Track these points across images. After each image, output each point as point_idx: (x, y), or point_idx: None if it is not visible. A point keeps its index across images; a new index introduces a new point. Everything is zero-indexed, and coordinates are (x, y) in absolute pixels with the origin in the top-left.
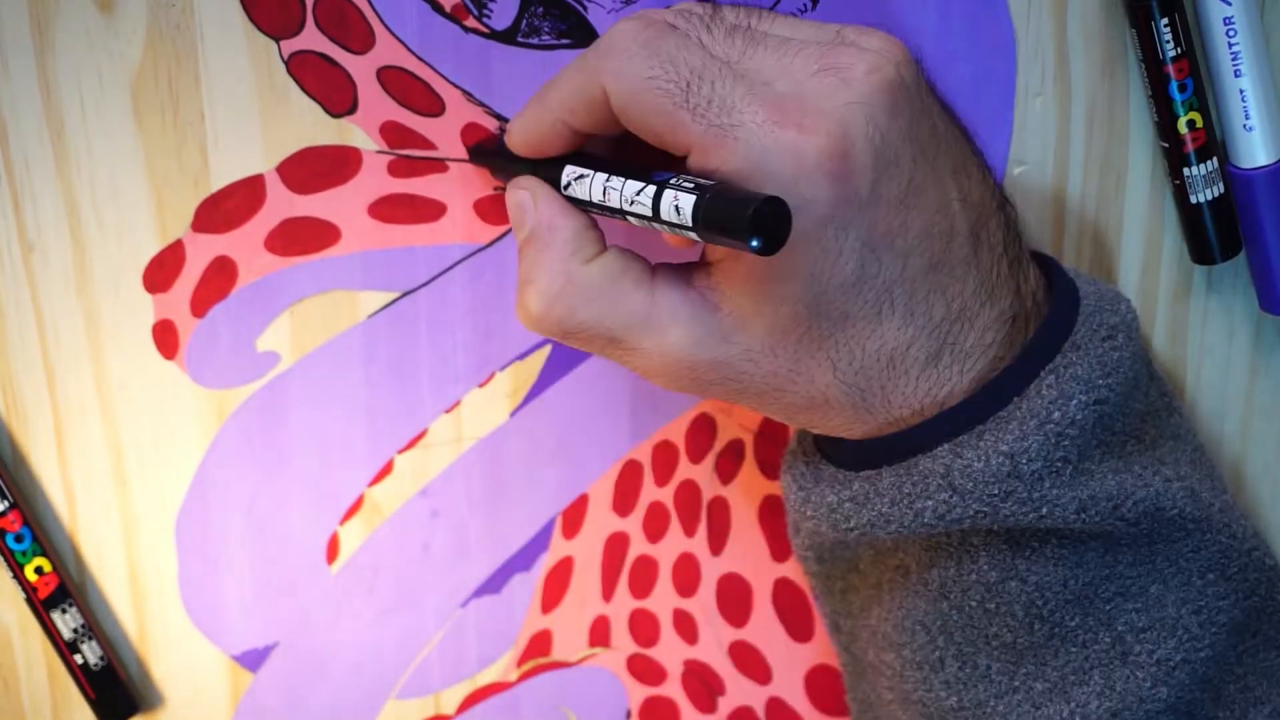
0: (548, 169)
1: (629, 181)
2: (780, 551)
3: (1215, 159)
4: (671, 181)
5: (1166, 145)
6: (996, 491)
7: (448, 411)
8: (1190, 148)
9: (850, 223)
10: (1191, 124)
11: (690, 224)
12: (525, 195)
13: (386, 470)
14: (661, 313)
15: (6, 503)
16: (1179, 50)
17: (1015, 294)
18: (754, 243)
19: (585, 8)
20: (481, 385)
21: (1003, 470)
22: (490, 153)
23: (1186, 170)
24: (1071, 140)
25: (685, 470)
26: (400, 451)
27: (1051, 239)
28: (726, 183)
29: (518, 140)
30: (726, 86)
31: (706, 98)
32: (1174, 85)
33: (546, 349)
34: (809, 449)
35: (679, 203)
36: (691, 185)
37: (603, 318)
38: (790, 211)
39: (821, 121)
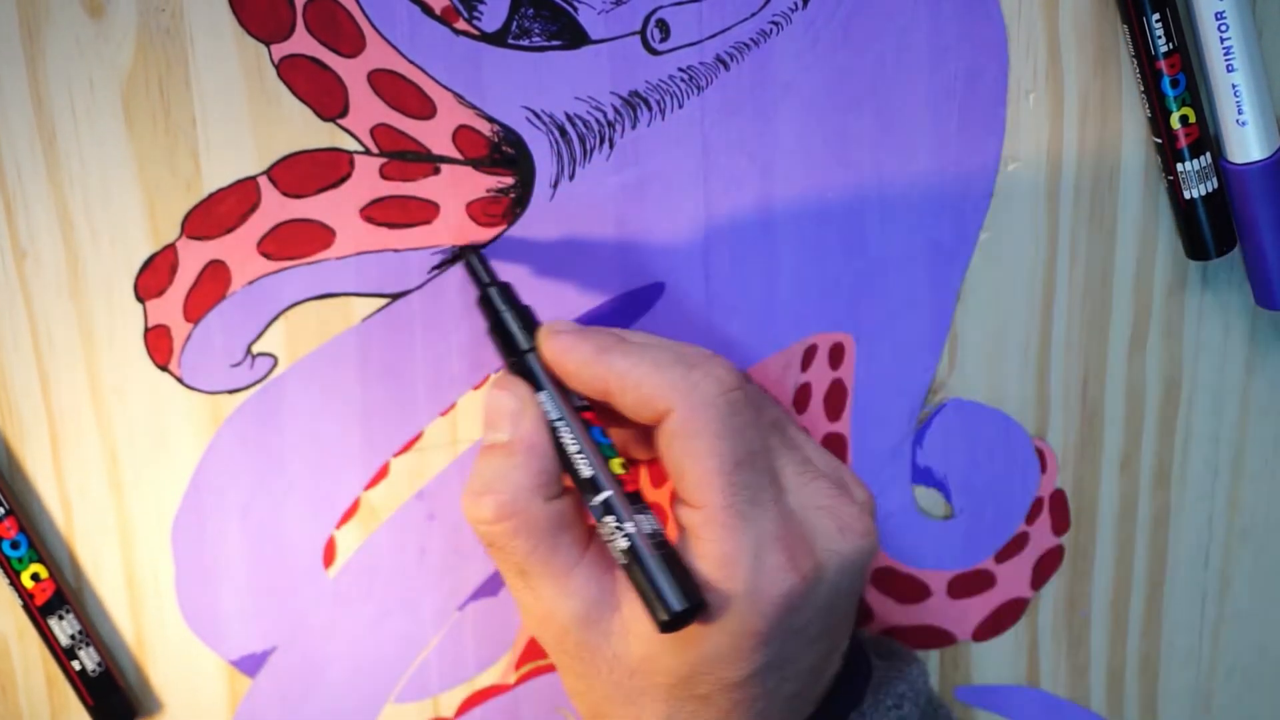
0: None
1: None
2: None
3: (1209, 154)
4: (646, 515)
5: (1160, 141)
6: None
7: (443, 414)
8: (1184, 143)
9: (771, 642)
10: (1185, 119)
11: (626, 556)
12: (513, 403)
13: (382, 474)
14: (575, 579)
15: (2, 509)
16: (1171, 46)
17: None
18: (661, 619)
19: (575, 9)
20: (476, 388)
21: None
22: (499, 310)
23: (1180, 166)
24: (1064, 137)
25: None
26: (396, 455)
27: (1045, 237)
28: (674, 554)
29: (554, 354)
30: (762, 481)
31: (746, 481)
32: (1166, 81)
33: None
34: None
35: (636, 530)
36: (650, 531)
37: (532, 553)
38: (692, 619)
39: (806, 560)
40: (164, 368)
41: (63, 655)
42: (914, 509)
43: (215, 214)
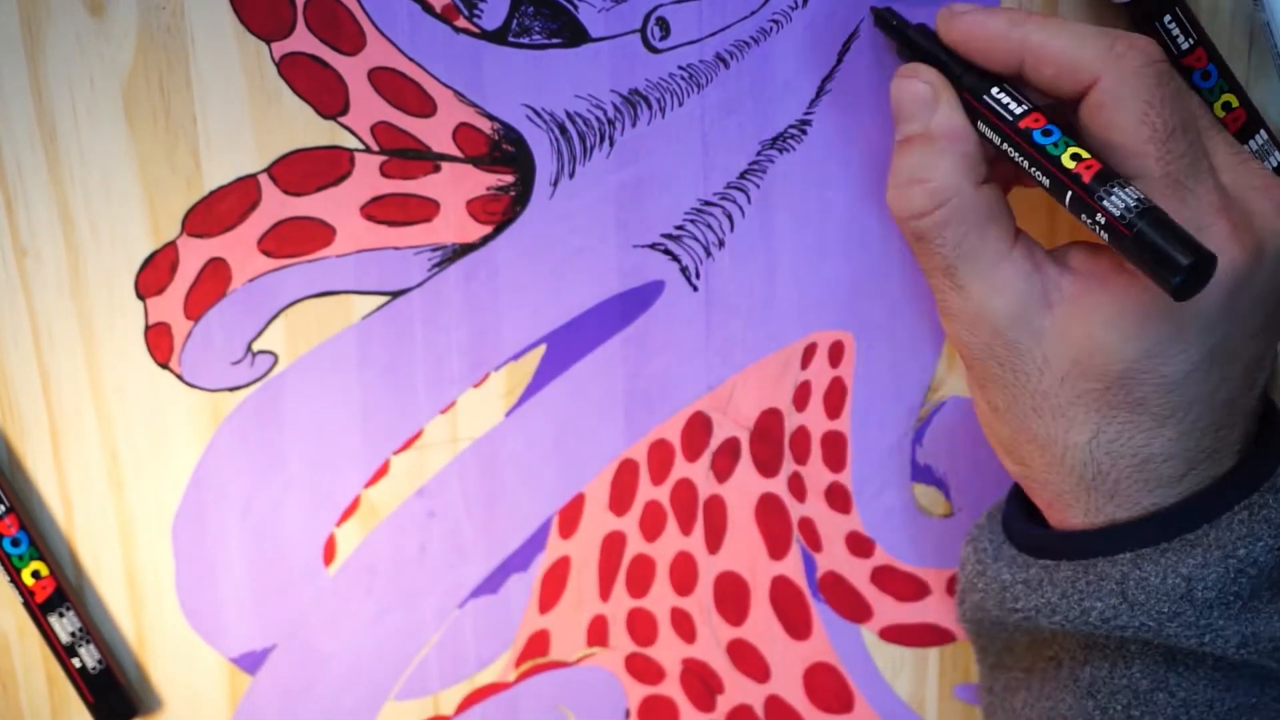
0: (963, 77)
1: (1077, 150)
2: (777, 549)
3: (1264, 131)
4: (1114, 187)
5: None
6: (1166, 610)
7: (443, 412)
8: (1234, 129)
9: (1213, 329)
10: (1228, 105)
11: (1122, 224)
12: (927, 90)
13: (382, 471)
14: (1005, 272)
15: (3, 507)
16: (1191, 42)
17: (1246, 434)
18: (1175, 280)
19: (576, 7)
20: (476, 386)
21: (1177, 591)
22: (897, 24)
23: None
24: None
25: (681, 469)
26: (396, 452)
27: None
28: (1167, 216)
29: (962, 33)
30: (1196, 152)
31: (1179, 152)
32: (1197, 76)
33: (541, 349)
34: (995, 528)
35: (1123, 200)
36: (1139, 197)
37: (962, 242)
38: (1209, 278)
39: (1249, 236)
40: (164, 365)
41: (63, 653)
42: (913, 507)
43: (216, 212)
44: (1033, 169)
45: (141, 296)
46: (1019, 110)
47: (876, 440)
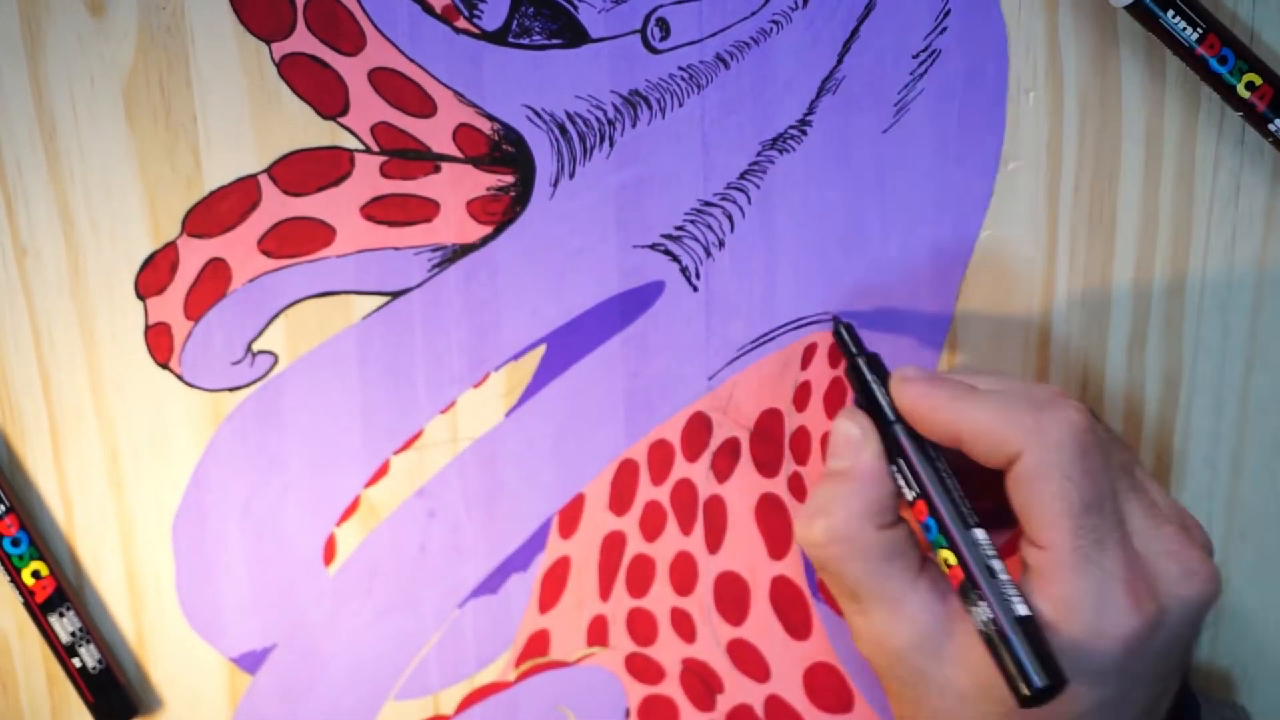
0: (890, 428)
1: (976, 538)
2: (777, 549)
3: None
4: (1004, 581)
5: (1241, 113)
6: None
7: (443, 412)
8: (1263, 106)
9: (1107, 683)
10: (1251, 85)
11: (989, 630)
12: (856, 433)
13: (382, 471)
14: (909, 606)
15: (3, 507)
16: (1200, 31)
17: None
18: (1023, 693)
19: (576, 8)
20: (476, 386)
21: None
22: (854, 348)
23: (1272, 125)
24: (1064, 135)
25: (681, 469)
26: (396, 452)
27: (1045, 235)
28: (1038, 628)
29: (908, 403)
30: (1109, 524)
31: (1093, 525)
32: (1213, 62)
33: (541, 349)
34: None
35: (1003, 606)
36: (1017, 604)
37: (864, 579)
38: (1058, 694)
39: (1150, 604)
40: (164, 365)
41: (63, 652)
42: None
43: (216, 212)
44: (950, 521)
45: (141, 296)
46: (941, 467)
47: None
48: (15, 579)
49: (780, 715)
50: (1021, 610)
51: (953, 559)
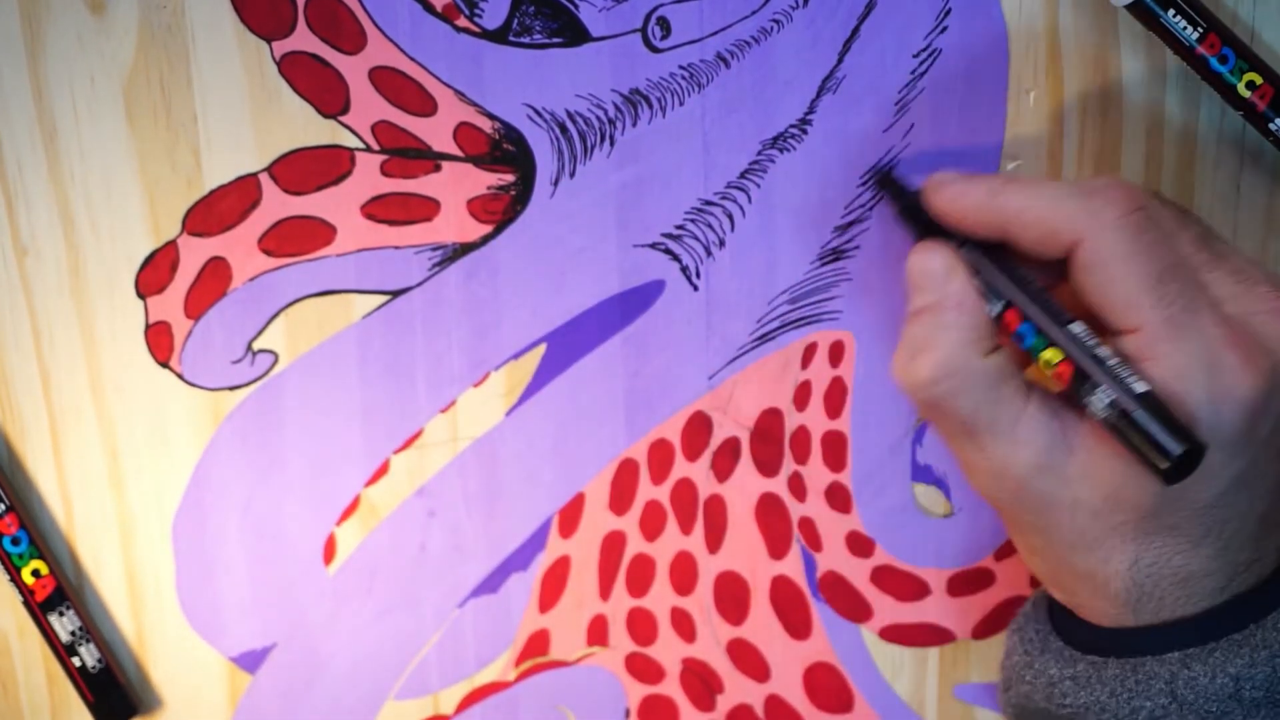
0: (961, 245)
1: (1074, 332)
2: (777, 549)
3: None
4: (1114, 364)
5: (1242, 113)
6: (1214, 709)
7: (443, 411)
8: (1263, 105)
9: (1237, 454)
10: (1251, 84)
11: (1112, 415)
12: (939, 266)
13: (382, 471)
14: (1023, 429)
15: (3, 506)
16: (1201, 29)
17: None
18: (1163, 467)
19: (576, 6)
20: (476, 385)
21: (1225, 691)
22: (899, 190)
23: (1273, 125)
24: (1065, 135)
25: (682, 468)
26: (396, 452)
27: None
28: (1161, 399)
29: (946, 204)
30: (1192, 289)
31: (1175, 292)
32: (1214, 61)
33: (541, 348)
34: (1041, 617)
35: (1120, 387)
36: (1133, 382)
37: (976, 410)
38: (1200, 463)
39: (1263, 360)
40: (165, 364)
41: (63, 652)
42: (914, 506)
43: (216, 211)
44: (1047, 321)
45: (142, 295)
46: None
47: (877, 440)
48: (15, 578)
49: (780, 715)
50: (1140, 387)
51: (1057, 356)
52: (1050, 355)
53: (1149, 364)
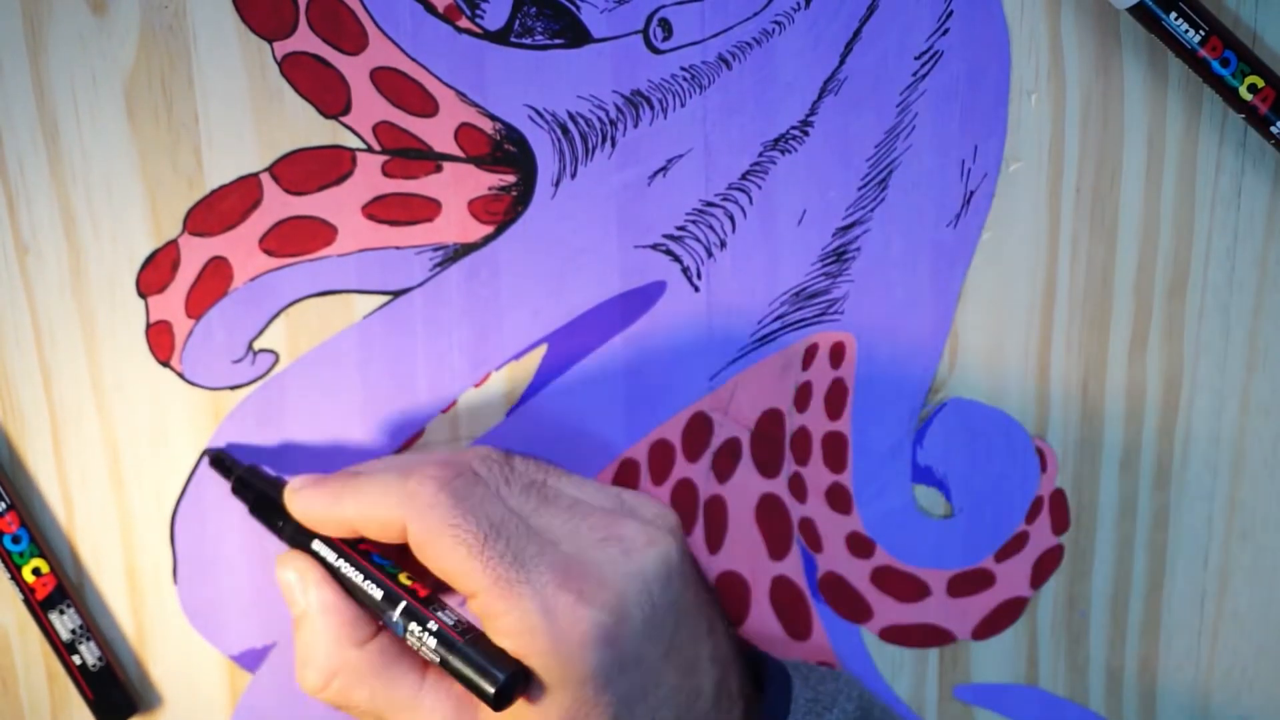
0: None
1: (399, 602)
2: (777, 549)
3: None
4: (437, 614)
5: (1243, 116)
6: None
7: (444, 412)
8: (1264, 108)
9: (611, 681)
10: (1253, 87)
11: (437, 653)
12: (295, 578)
13: None
14: (425, 701)
15: (4, 504)
16: (1203, 32)
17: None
18: (490, 696)
19: (578, 7)
20: (477, 385)
21: None
22: (255, 489)
23: (1274, 128)
24: (1066, 137)
25: (682, 469)
26: (397, 452)
27: (1046, 236)
28: (483, 635)
29: (300, 512)
30: (520, 543)
31: (500, 551)
32: (1216, 64)
33: (542, 349)
34: None
35: (441, 625)
36: (453, 622)
37: (374, 697)
38: (519, 681)
39: (601, 591)
40: (165, 364)
41: (63, 650)
42: (914, 508)
43: (217, 210)
44: (376, 590)
45: (143, 295)
46: (353, 540)
47: (877, 441)
48: (16, 576)
49: None
50: (457, 621)
51: (388, 605)
52: (414, 629)
53: (494, 621)
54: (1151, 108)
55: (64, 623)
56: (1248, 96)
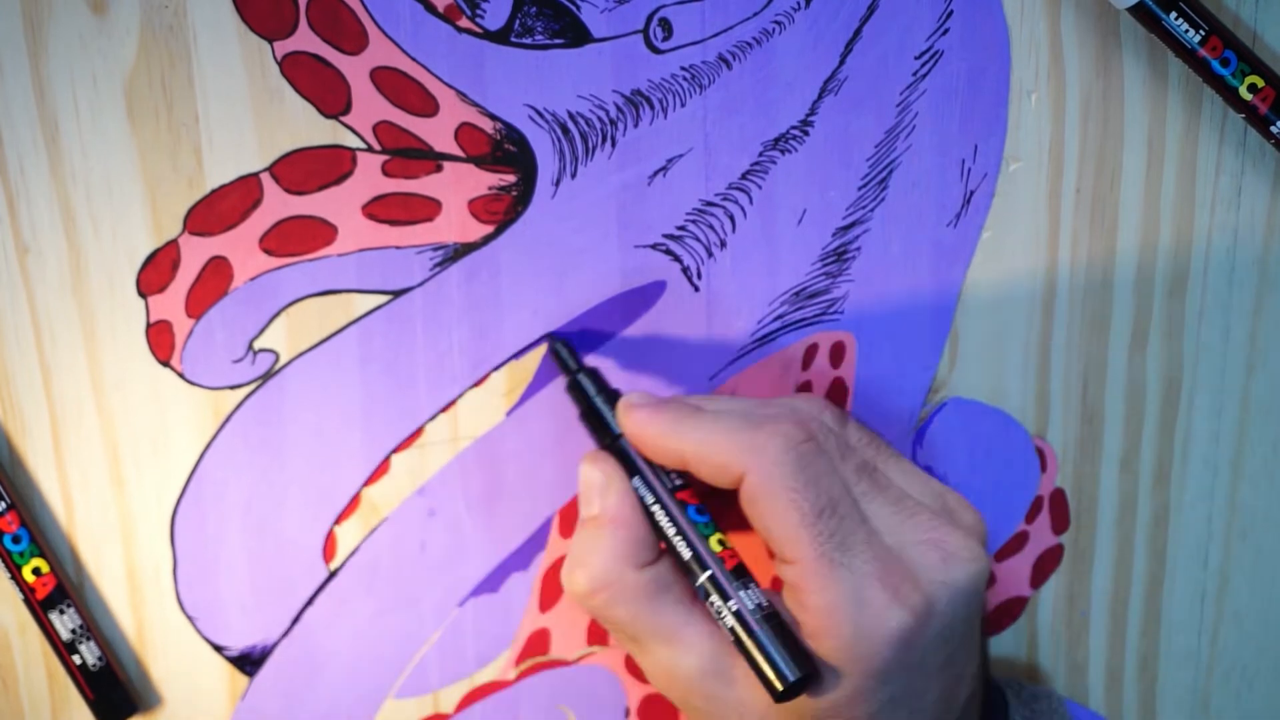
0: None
1: (721, 538)
2: None
3: None
4: (749, 584)
5: (1243, 116)
6: None
7: (444, 411)
8: (1264, 108)
9: (891, 679)
10: (1253, 87)
11: (742, 629)
12: (599, 478)
13: (383, 470)
14: (687, 636)
15: (4, 504)
16: (1203, 33)
17: None
18: (775, 690)
19: (578, 7)
20: (477, 384)
21: None
22: (590, 395)
23: (1274, 128)
24: (1066, 137)
25: None
26: (396, 451)
27: (1047, 236)
28: (782, 624)
29: (634, 429)
30: (850, 525)
31: (831, 529)
32: (1216, 64)
33: (542, 348)
34: None
35: (741, 606)
36: (753, 606)
37: (635, 620)
38: (805, 688)
39: (913, 593)
40: (166, 363)
41: (63, 649)
42: None
43: (217, 210)
44: (680, 542)
45: (143, 294)
46: (678, 482)
47: None
48: (16, 576)
49: None
50: (759, 604)
51: (697, 567)
52: (723, 538)
53: (803, 595)
54: (1151, 108)
55: (64, 623)
56: (1248, 96)
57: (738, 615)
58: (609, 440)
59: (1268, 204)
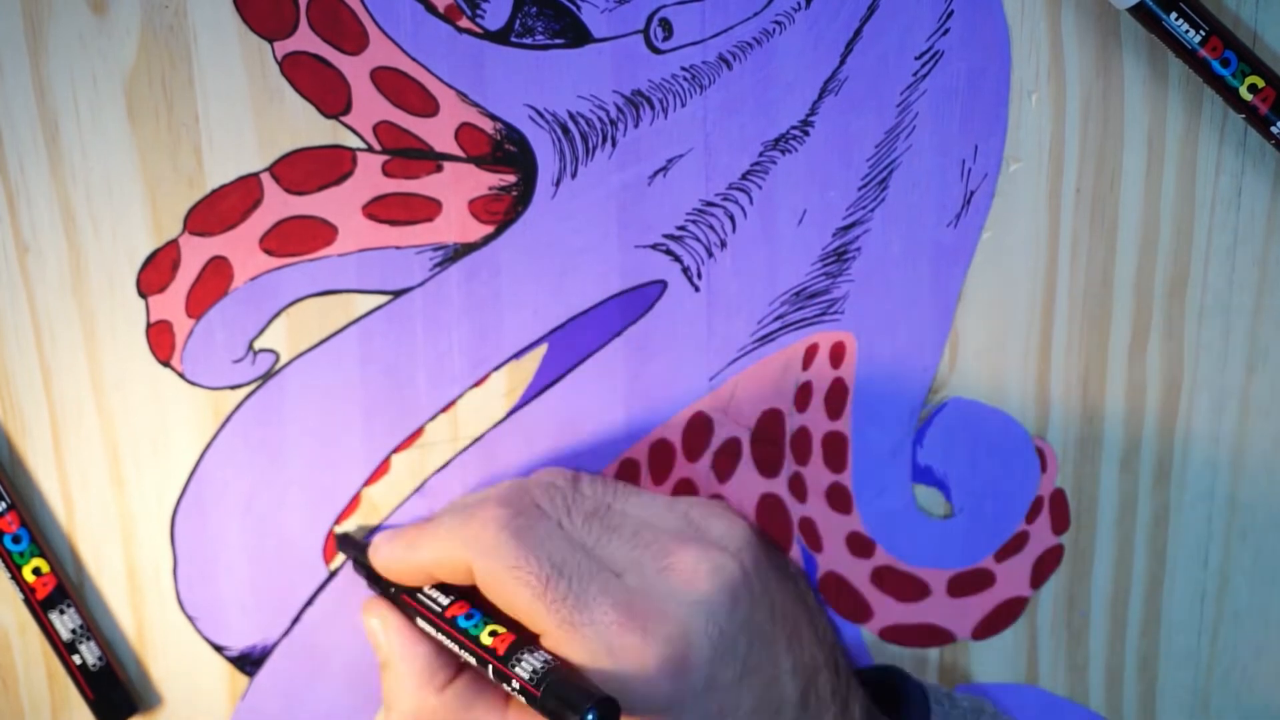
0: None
1: (494, 628)
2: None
3: None
4: (523, 654)
5: (1244, 116)
6: None
7: (444, 411)
8: (1265, 109)
9: (685, 710)
10: (1254, 87)
11: (528, 700)
12: (376, 624)
13: (383, 470)
14: None
15: (4, 504)
16: (1203, 33)
17: None
18: None
19: (579, 7)
20: (478, 385)
21: None
22: (358, 547)
23: (1275, 128)
24: (1066, 137)
25: (682, 469)
26: (397, 451)
27: (1047, 237)
28: (572, 669)
29: (381, 565)
30: (582, 582)
31: (563, 593)
32: (1216, 64)
33: (543, 348)
34: None
35: (530, 665)
36: (541, 662)
37: None
38: (619, 713)
39: (663, 625)
40: (166, 363)
41: (64, 649)
42: (914, 508)
43: (218, 210)
44: (464, 653)
45: (143, 294)
46: (445, 601)
47: (877, 441)
48: (16, 576)
49: None
50: (535, 669)
51: (500, 628)
52: (495, 628)
53: (566, 658)
54: (1151, 108)
55: (64, 623)
56: (1248, 97)
57: (521, 690)
58: (389, 593)
59: (1268, 204)
